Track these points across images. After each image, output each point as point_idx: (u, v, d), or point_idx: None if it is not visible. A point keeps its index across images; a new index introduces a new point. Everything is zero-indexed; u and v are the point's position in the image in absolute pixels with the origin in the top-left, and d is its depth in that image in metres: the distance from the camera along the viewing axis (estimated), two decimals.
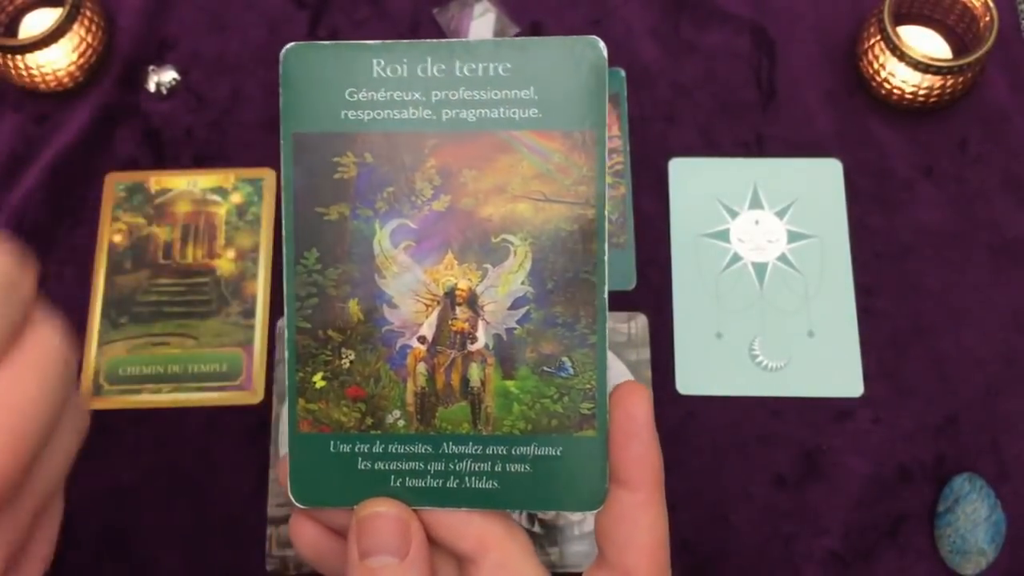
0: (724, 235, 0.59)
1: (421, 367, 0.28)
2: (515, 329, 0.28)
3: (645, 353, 0.56)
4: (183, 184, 0.61)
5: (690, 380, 0.56)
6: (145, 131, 0.62)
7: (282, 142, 0.27)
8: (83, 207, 0.60)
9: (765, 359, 0.56)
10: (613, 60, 0.63)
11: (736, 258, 0.59)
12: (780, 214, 0.59)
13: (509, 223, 0.27)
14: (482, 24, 0.63)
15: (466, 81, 0.27)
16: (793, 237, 0.59)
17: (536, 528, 0.53)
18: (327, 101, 0.27)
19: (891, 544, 0.53)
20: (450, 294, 0.28)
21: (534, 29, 0.64)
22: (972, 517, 0.51)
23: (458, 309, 0.28)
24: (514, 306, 0.28)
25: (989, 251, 0.59)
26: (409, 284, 0.28)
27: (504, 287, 0.28)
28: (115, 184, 0.61)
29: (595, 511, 0.28)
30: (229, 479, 0.55)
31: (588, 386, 0.27)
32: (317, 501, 0.28)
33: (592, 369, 0.28)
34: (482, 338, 0.28)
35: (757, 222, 0.59)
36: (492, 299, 0.28)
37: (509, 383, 0.28)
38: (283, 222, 0.28)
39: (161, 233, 0.59)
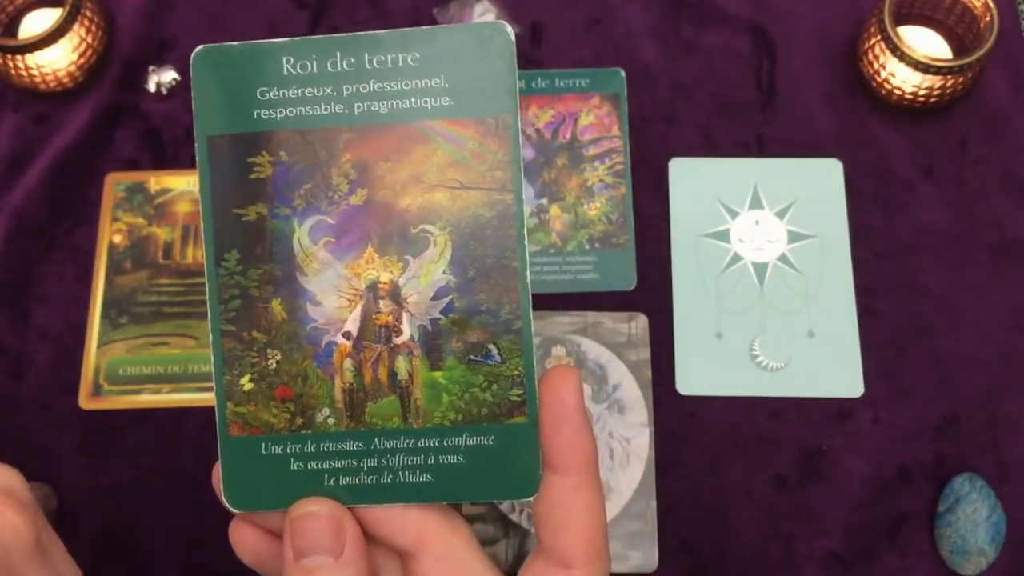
0: (724, 235, 0.59)
1: (348, 363, 0.28)
2: (439, 319, 0.27)
3: (645, 353, 0.56)
4: (183, 184, 0.61)
5: (690, 380, 0.56)
6: (145, 131, 0.62)
7: (196, 145, 0.27)
8: (83, 207, 0.60)
9: (765, 359, 0.56)
10: (613, 60, 0.63)
11: (736, 258, 0.59)
12: (780, 214, 0.59)
13: (427, 213, 0.27)
14: None
15: (376, 73, 0.27)
16: (793, 237, 0.59)
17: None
18: (239, 102, 0.27)
19: (891, 544, 0.53)
20: (372, 288, 0.28)
21: (534, 29, 0.64)
22: (972, 517, 0.51)
23: (381, 303, 0.28)
24: (437, 296, 0.27)
25: (989, 251, 0.58)
26: (331, 280, 0.28)
27: (426, 277, 0.27)
28: (115, 184, 0.61)
29: (530, 498, 0.27)
30: None
31: (516, 372, 0.27)
32: (252, 505, 0.28)
33: (519, 355, 0.27)
34: (407, 330, 0.28)
35: (757, 222, 0.59)
36: (415, 290, 0.27)
37: (437, 374, 0.27)
38: (202, 225, 0.28)
39: (161, 233, 0.59)
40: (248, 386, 0.28)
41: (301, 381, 0.28)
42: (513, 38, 0.27)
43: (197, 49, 0.27)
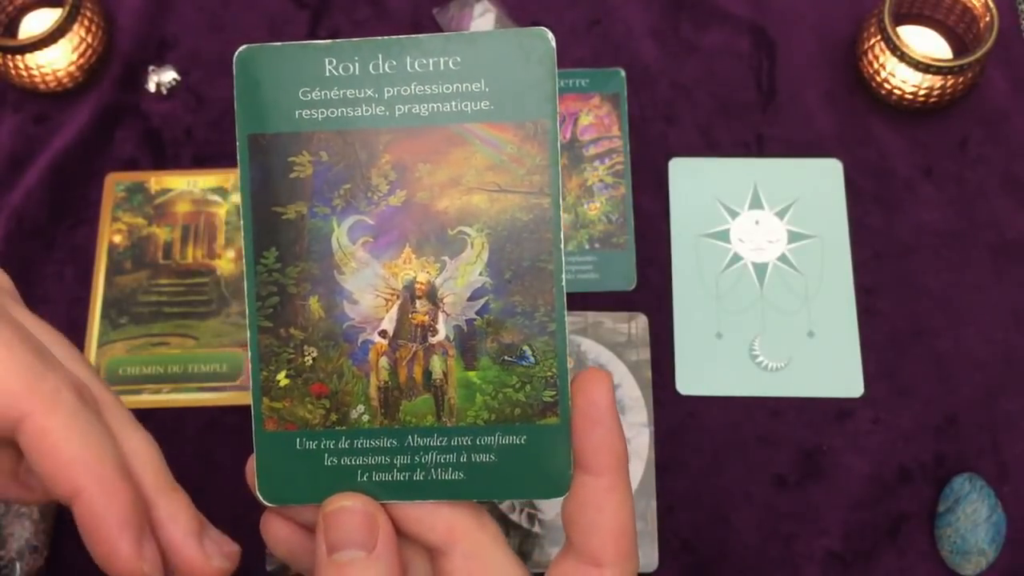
0: (724, 235, 0.59)
1: (383, 361, 0.28)
2: (475, 320, 0.28)
3: (645, 353, 0.56)
4: (183, 184, 0.61)
5: (690, 380, 0.56)
6: (145, 131, 0.62)
7: (237, 144, 0.28)
8: (83, 207, 0.60)
9: (765, 359, 0.56)
10: (613, 60, 0.63)
11: (736, 258, 0.59)
12: (780, 214, 0.59)
13: (465, 215, 0.28)
14: (482, 24, 0.63)
15: (417, 76, 0.27)
16: (793, 237, 0.59)
17: (536, 528, 0.53)
18: (281, 102, 0.28)
19: (891, 544, 0.53)
20: (409, 287, 0.28)
21: None
22: (972, 517, 0.51)
23: (418, 302, 0.28)
24: (473, 297, 0.28)
25: (989, 251, 0.58)
26: (368, 279, 0.28)
27: (462, 278, 0.28)
28: (115, 184, 0.61)
29: (561, 498, 0.28)
30: (229, 479, 0.55)
31: (549, 374, 0.28)
32: (285, 499, 0.28)
33: (553, 357, 0.28)
34: (443, 330, 0.28)
35: (757, 222, 0.59)
36: (451, 291, 0.28)
37: (471, 374, 0.28)
38: (242, 223, 0.28)
39: (161, 233, 0.59)
40: (284, 382, 0.28)
41: (337, 378, 0.28)
42: (554, 44, 0.27)
43: (241, 49, 0.28)
